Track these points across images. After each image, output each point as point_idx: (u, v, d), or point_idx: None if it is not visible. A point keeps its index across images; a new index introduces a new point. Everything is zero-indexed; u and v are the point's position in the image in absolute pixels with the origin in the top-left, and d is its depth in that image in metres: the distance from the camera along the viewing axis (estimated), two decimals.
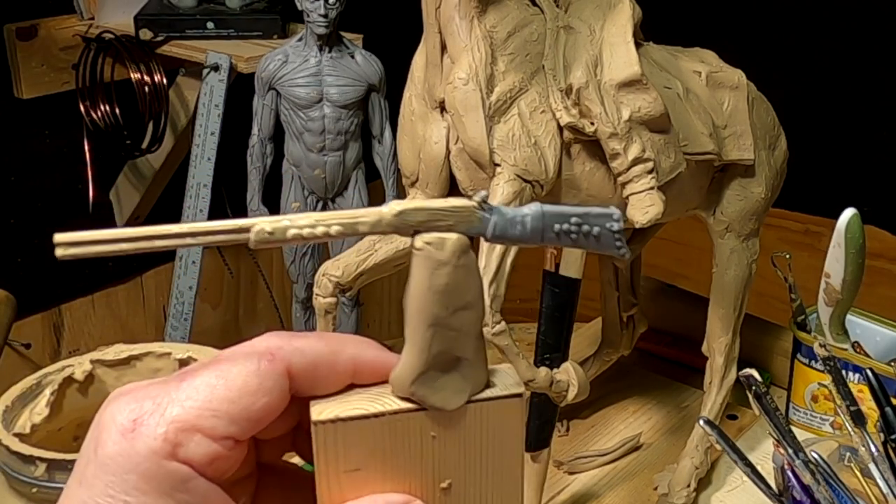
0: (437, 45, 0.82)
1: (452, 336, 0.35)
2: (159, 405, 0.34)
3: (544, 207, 0.36)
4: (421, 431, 0.36)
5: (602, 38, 0.84)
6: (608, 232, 0.36)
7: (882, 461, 0.76)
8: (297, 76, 1.16)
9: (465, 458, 0.37)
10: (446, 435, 0.37)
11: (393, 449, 0.36)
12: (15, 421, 0.72)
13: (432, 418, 0.36)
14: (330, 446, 0.35)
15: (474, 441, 0.37)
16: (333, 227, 0.34)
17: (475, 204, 0.35)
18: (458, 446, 0.37)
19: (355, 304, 1.23)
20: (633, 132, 0.81)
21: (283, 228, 0.33)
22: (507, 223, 0.35)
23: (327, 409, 0.35)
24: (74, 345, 1.73)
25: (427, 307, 0.35)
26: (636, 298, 1.13)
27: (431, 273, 0.35)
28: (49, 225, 1.67)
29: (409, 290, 0.35)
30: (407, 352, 0.36)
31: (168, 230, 0.33)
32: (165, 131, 1.54)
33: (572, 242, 0.36)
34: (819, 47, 2.00)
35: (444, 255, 0.34)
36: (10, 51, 1.54)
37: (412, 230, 0.34)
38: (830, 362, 0.80)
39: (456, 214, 0.35)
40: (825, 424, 1.08)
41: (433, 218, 0.34)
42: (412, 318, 0.35)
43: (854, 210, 1.00)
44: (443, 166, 0.84)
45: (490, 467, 0.38)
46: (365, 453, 0.35)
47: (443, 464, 0.37)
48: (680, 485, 0.97)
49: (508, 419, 0.37)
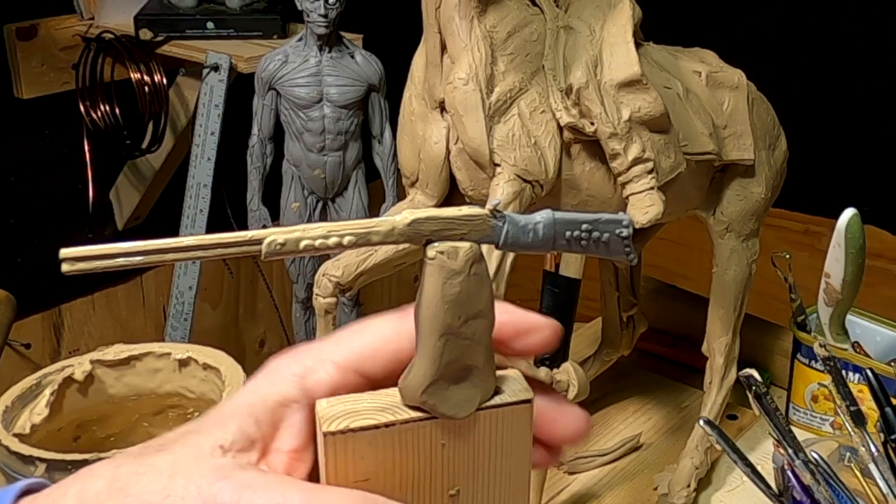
0: (437, 45, 0.82)
1: (464, 345, 0.35)
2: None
3: (556, 215, 0.36)
4: (431, 440, 0.36)
5: (602, 38, 0.84)
6: (618, 238, 0.36)
7: (882, 461, 0.76)
8: (297, 76, 1.16)
9: (474, 465, 0.37)
10: (456, 443, 0.36)
11: (402, 458, 0.36)
12: (15, 421, 0.72)
13: (442, 427, 0.36)
14: (339, 457, 0.35)
15: (483, 448, 0.37)
16: (346, 237, 0.34)
17: (487, 213, 0.35)
18: (467, 454, 0.37)
19: (355, 304, 1.23)
20: (633, 132, 0.81)
21: (295, 240, 0.33)
22: (519, 231, 0.35)
23: (336, 418, 0.35)
24: (74, 345, 1.73)
25: (439, 316, 0.35)
26: (636, 298, 1.13)
27: (444, 282, 0.34)
28: (49, 225, 1.67)
29: (421, 300, 0.35)
30: (418, 361, 0.35)
31: (178, 243, 0.32)
32: (165, 131, 1.54)
33: (582, 249, 0.36)
34: (819, 47, 2.00)
35: (457, 264, 0.34)
36: (10, 51, 1.54)
37: (424, 239, 0.34)
38: (830, 362, 0.80)
39: (469, 223, 0.34)
40: (825, 424, 1.08)
41: (446, 227, 0.34)
42: (424, 328, 0.35)
43: (854, 210, 1.00)
44: (443, 166, 0.84)
45: (498, 474, 0.38)
46: (374, 463, 0.35)
47: (451, 471, 0.37)
48: (680, 485, 0.97)
49: (518, 425, 0.37)
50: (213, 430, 0.35)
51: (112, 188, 1.73)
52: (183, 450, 0.35)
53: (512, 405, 0.37)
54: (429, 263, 0.34)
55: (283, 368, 0.37)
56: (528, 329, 0.38)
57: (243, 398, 0.36)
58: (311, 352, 0.37)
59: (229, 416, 0.36)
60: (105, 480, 0.34)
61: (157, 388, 0.79)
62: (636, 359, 1.24)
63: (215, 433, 0.35)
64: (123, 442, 0.77)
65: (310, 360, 0.37)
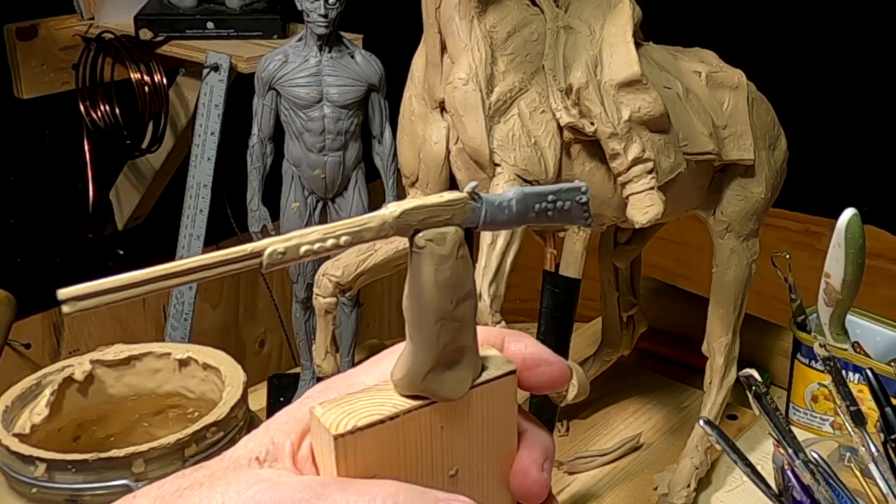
0: (437, 45, 0.82)
1: (456, 327, 0.36)
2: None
3: (525, 189, 0.37)
4: (430, 425, 0.37)
5: (602, 38, 0.84)
6: (578, 204, 0.38)
7: (882, 461, 0.76)
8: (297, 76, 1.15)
9: (470, 442, 0.38)
10: (453, 424, 0.37)
11: (406, 448, 0.36)
12: (15, 421, 0.72)
13: (440, 410, 0.37)
14: (350, 457, 0.35)
15: (477, 425, 0.38)
16: (342, 237, 0.34)
17: (467, 195, 0.36)
18: (463, 433, 0.38)
19: (355, 304, 1.23)
20: (633, 132, 0.81)
21: (294, 247, 0.33)
22: (496, 210, 0.36)
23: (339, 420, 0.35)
24: (74, 345, 1.72)
25: (434, 302, 0.35)
26: (636, 298, 1.13)
27: (436, 269, 0.35)
28: (49, 225, 1.67)
29: (414, 289, 0.35)
30: (414, 350, 0.36)
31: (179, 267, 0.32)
32: (165, 131, 1.54)
33: (548, 219, 0.37)
34: (819, 47, 2.00)
35: (445, 249, 0.35)
36: (10, 51, 1.54)
37: (412, 230, 0.35)
38: (830, 362, 0.80)
39: (452, 208, 0.35)
40: (825, 424, 1.08)
41: (432, 215, 0.35)
42: (419, 316, 0.36)
43: (854, 210, 1.00)
44: (443, 166, 0.84)
45: (490, 447, 0.39)
46: (381, 458, 0.36)
47: (450, 452, 0.38)
48: (680, 485, 0.97)
49: (505, 397, 0.38)
50: (249, 444, 0.37)
51: (112, 188, 1.73)
52: (220, 464, 0.36)
53: (500, 378, 0.38)
54: (418, 253, 0.35)
55: (315, 395, 0.38)
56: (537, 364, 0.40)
57: (278, 418, 0.37)
58: (342, 379, 0.38)
59: (263, 432, 0.37)
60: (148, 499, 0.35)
61: (157, 388, 0.79)
62: (636, 359, 1.24)
63: (250, 446, 0.36)
64: (123, 442, 0.77)
65: (342, 385, 0.38)
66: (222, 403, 0.72)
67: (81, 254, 1.68)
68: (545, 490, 0.39)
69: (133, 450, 0.67)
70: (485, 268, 0.78)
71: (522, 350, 0.40)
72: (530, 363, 0.40)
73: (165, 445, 0.67)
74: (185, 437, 0.68)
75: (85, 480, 0.67)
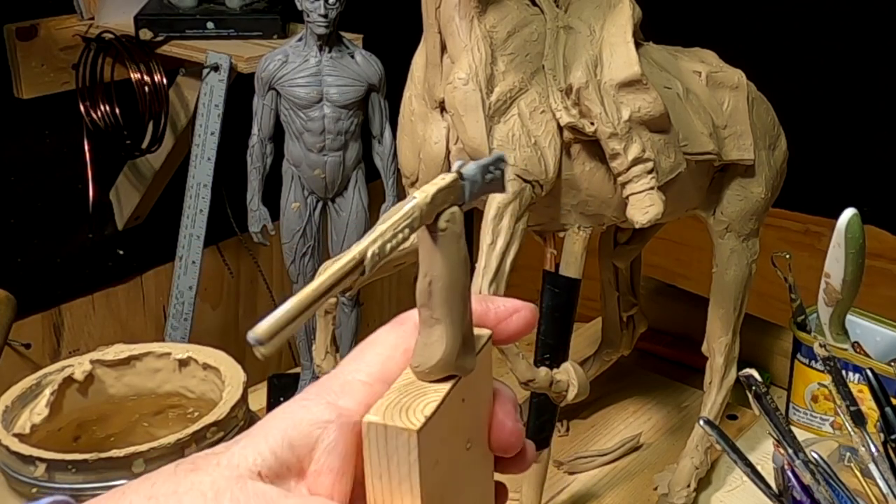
0: (437, 45, 0.82)
1: (468, 298, 0.38)
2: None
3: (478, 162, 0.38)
4: (458, 400, 0.38)
5: (602, 38, 0.84)
6: (500, 173, 0.39)
7: (882, 461, 0.76)
8: (297, 76, 1.15)
9: (475, 411, 0.39)
10: (470, 394, 0.38)
11: (449, 428, 0.37)
12: (15, 421, 0.72)
13: (462, 385, 0.38)
14: (425, 449, 0.35)
15: (478, 391, 0.39)
16: (403, 230, 0.35)
17: (457, 175, 0.37)
18: (474, 401, 0.39)
19: (355, 304, 1.23)
20: (633, 132, 0.81)
21: (381, 244, 0.35)
22: (473, 185, 0.38)
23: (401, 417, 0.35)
24: (74, 345, 1.72)
25: (459, 280, 0.37)
26: (636, 298, 1.13)
27: (458, 247, 0.37)
28: (49, 225, 1.67)
29: (440, 272, 0.36)
30: (447, 331, 0.37)
31: (320, 287, 0.33)
32: (165, 131, 1.54)
33: (485, 190, 0.39)
34: (819, 47, 2.00)
35: (459, 227, 0.37)
36: (10, 51, 1.54)
37: (435, 213, 0.36)
38: (830, 362, 0.80)
39: (453, 188, 0.37)
40: (825, 424, 1.08)
41: (447, 196, 0.36)
42: (449, 297, 0.37)
43: (854, 210, 1.00)
44: (443, 166, 0.84)
45: (483, 412, 0.40)
46: (439, 442, 0.36)
47: (466, 425, 0.39)
48: (680, 485, 0.97)
49: (486, 362, 0.40)
50: (247, 452, 0.36)
51: (112, 188, 1.73)
52: (218, 470, 0.35)
53: (486, 344, 0.40)
54: (443, 235, 0.36)
55: (311, 395, 0.37)
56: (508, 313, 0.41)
57: (275, 423, 0.37)
58: (334, 377, 0.38)
59: (262, 439, 0.36)
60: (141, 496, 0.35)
61: (157, 387, 0.79)
62: (636, 359, 1.24)
63: (249, 456, 0.36)
64: (123, 442, 0.77)
65: (335, 384, 0.38)
66: (222, 403, 0.72)
67: (81, 254, 1.68)
68: (521, 439, 0.40)
69: (133, 450, 0.67)
70: (485, 268, 0.78)
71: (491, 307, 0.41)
72: (503, 314, 0.41)
73: (165, 445, 0.67)
74: (185, 437, 0.68)
75: (85, 480, 0.67)
